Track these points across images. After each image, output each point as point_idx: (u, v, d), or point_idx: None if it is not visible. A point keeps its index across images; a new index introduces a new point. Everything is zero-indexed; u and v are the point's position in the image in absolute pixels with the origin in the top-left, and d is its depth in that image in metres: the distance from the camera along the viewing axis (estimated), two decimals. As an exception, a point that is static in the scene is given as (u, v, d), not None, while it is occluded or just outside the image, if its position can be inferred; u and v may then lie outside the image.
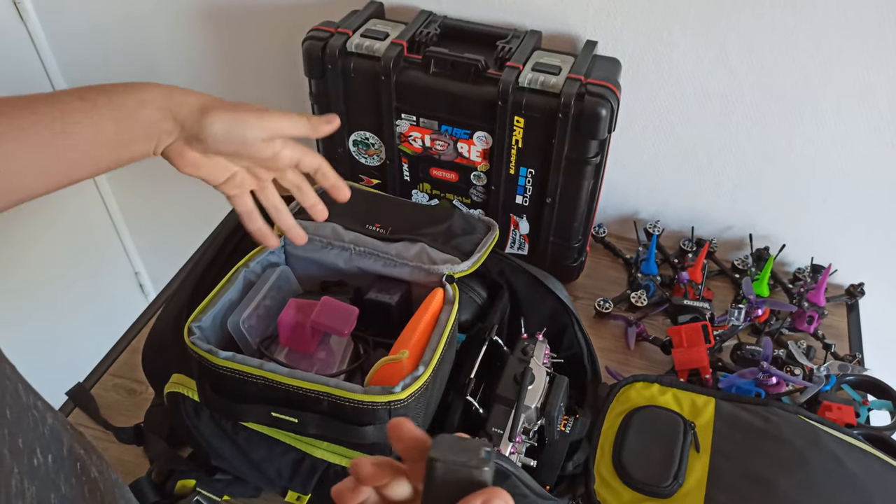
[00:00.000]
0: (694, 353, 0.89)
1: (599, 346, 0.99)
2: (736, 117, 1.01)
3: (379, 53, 0.92)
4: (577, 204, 0.96)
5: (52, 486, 0.39)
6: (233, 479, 0.78)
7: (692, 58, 0.97)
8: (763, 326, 0.99)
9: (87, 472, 0.44)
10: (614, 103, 0.87)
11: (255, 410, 0.64)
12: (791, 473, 0.74)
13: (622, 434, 0.79)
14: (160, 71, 1.28)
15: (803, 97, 0.96)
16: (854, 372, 0.91)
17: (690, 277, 1.02)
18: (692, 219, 1.14)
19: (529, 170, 0.95)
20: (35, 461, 0.37)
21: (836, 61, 0.92)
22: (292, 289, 0.78)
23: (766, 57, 0.94)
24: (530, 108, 0.88)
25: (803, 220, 1.09)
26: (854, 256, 1.09)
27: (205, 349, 0.63)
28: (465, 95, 0.90)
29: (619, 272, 1.12)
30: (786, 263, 1.13)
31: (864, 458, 0.76)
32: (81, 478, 0.43)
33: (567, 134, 0.88)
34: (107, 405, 0.91)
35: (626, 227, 1.17)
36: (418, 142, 0.97)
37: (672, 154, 1.08)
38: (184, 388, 0.69)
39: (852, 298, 1.07)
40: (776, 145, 1.02)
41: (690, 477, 0.75)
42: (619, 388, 0.84)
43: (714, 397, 0.82)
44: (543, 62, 0.90)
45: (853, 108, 0.95)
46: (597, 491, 0.75)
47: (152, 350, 0.79)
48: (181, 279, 0.82)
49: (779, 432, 0.77)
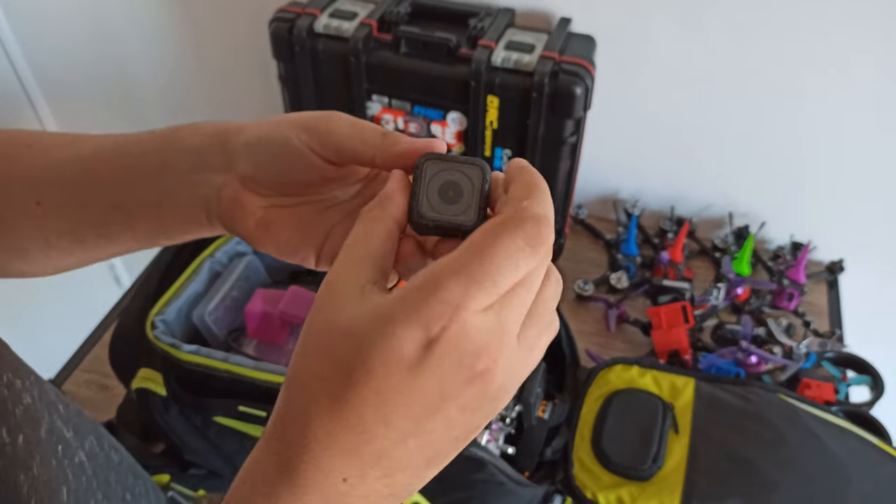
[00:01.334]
0: (673, 335, 0.88)
1: (580, 329, 0.98)
2: (716, 95, 0.99)
3: (348, 34, 0.89)
4: (554, 185, 0.95)
5: (20, 466, 0.38)
6: (207, 473, 0.77)
7: (670, 34, 0.95)
8: (743, 305, 0.98)
9: (71, 455, 0.43)
10: (589, 81, 0.85)
11: (222, 405, 0.63)
12: (770, 453, 0.73)
13: (601, 418, 0.78)
14: (125, 55, 1.24)
15: (784, 75, 0.95)
16: (834, 348, 0.91)
17: (670, 257, 1.01)
18: (672, 198, 1.13)
19: (505, 151, 0.93)
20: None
21: (817, 40, 0.90)
22: (260, 279, 0.76)
23: (746, 34, 0.92)
24: (504, 88, 0.86)
25: (783, 197, 1.08)
26: (834, 233, 1.08)
27: (168, 343, 0.61)
28: (438, 76, 0.88)
29: (599, 253, 1.11)
30: (766, 241, 1.12)
31: (842, 436, 0.76)
32: (63, 461, 0.42)
33: (542, 113, 0.86)
34: (78, 401, 0.88)
35: (607, 207, 1.16)
36: (391, 124, 0.95)
37: (652, 132, 1.06)
38: (151, 384, 0.68)
39: (832, 275, 1.07)
40: (756, 123, 1.01)
41: (670, 459, 0.74)
42: (598, 371, 0.83)
43: (694, 378, 0.82)
44: (516, 40, 0.88)
45: (834, 87, 0.94)
46: (576, 476, 0.75)
47: (119, 345, 0.77)
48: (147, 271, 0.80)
49: (758, 412, 0.77)
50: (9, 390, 0.39)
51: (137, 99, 1.31)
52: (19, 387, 0.40)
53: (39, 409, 0.41)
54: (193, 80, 1.25)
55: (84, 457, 0.45)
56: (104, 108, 1.34)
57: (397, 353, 0.26)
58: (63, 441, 0.43)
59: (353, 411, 0.27)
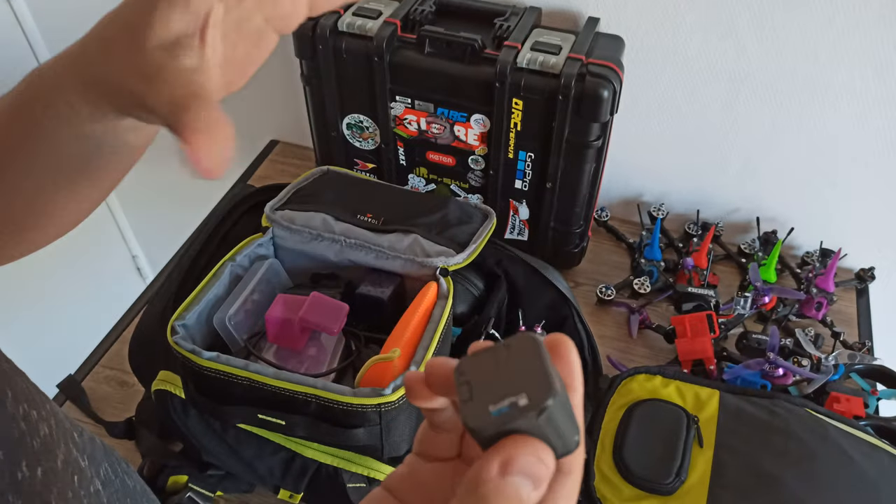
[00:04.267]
0: (698, 344, 0.87)
1: (601, 333, 0.97)
2: (744, 95, 0.97)
3: (371, 33, 0.88)
4: (578, 188, 0.93)
5: (38, 500, 0.37)
6: (225, 474, 0.77)
7: (699, 33, 0.92)
8: (770, 314, 0.96)
9: (86, 484, 0.43)
10: (617, 84, 0.83)
11: (241, 412, 0.62)
12: (797, 469, 0.71)
13: (623, 428, 0.76)
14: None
15: (815, 74, 0.92)
16: (863, 361, 0.88)
17: (695, 263, 0.99)
18: (698, 202, 1.11)
19: (529, 154, 0.91)
20: (19, 475, 0.36)
21: (849, 37, 0.88)
22: (281, 282, 0.75)
23: (776, 32, 0.90)
24: (529, 90, 0.84)
25: (813, 202, 1.05)
26: (865, 240, 1.06)
27: (188, 349, 0.61)
28: (462, 76, 0.87)
29: (622, 257, 1.09)
30: (794, 247, 1.09)
31: (873, 453, 0.74)
32: (80, 491, 0.42)
33: (567, 116, 0.85)
34: (98, 398, 0.89)
35: (630, 210, 1.14)
36: (414, 125, 0.94)
37: (678, 134, 1.04)
38: (171, 386, 0.68)
39: (862, 283, 1.04)
40: (785, 125, 0.98)
41: (693, 473, 0.73)
42: (620, 380, 0.82)
43: (718, 390, 0.80)
44: (543, 41, 0.86)
45: (866, 87, 0.91)
46: (597, 487, 0.73)
47: (139, 346, 0.77)
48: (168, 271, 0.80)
49: (785, 426, 0.75)
50: (26, 423, 0.39)
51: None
52: (35, 417, 0.40)
53: (56, 438, 0.41)
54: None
55: (100, 485, 0.44)
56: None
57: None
58: (79, 471, 0.42)
59: None
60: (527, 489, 0.23)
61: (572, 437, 0.24)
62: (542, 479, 0.23)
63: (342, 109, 0.97)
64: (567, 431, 0.24)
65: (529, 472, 0.23)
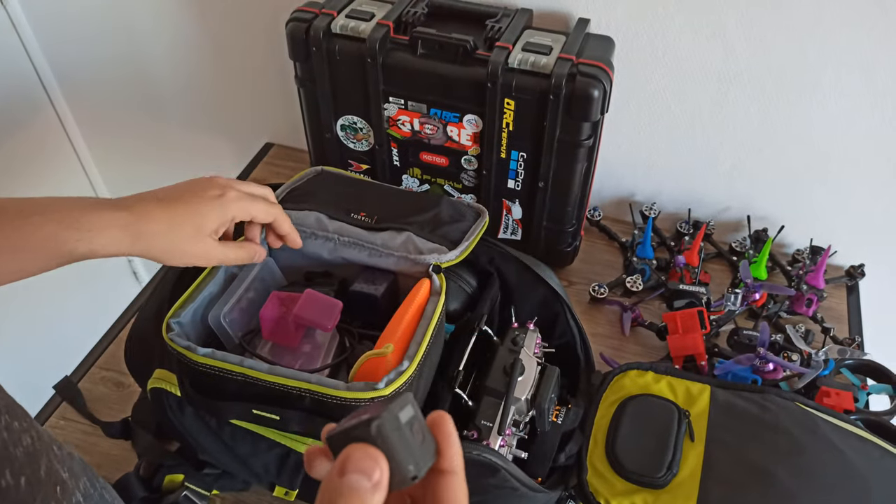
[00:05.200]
0: (689, 340, 0.87)
1: (594, 332, 0.98)
2: (733, 95, 0.98)
3: (364, 35, 0.89)
4: (570, 188, 0.94)
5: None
6: (221, 473, 0.77)
7: (688, 34, 0.94)
8: (761, 310, 0.97)
9: (68, 495, 0.43)
10: (607, 84, 0.84)
11: (237, 408, 0.63)
12: (788, 462, 0.72)
13: (616, 423, 0.77)
14: (143, 55, 1.25)
15: (803, 74, 0.93)
16: (853, 356, 0.89)
17: (687, 261, 1.00)
18: (689, 200, 1.12)
19: (521, 153, 0.92)
20: (3, 483, 0.37)
21: (836, 37, 0.89)
22: (276, 280, 0.76)
23: (764, 32, 0.91)
24: (520, 90, 0.85)
25: (803, 200, 1.07)
26: (854, 237, 1.07)
27: (183, 346, 0.61)
28: (454, 77, 0.88)
29: (614, 256, 1.10)
30: (785, 245, 1.10)
31: (862, 446, 0.75)
32: (62, 501, 0.42)
33: (558, 116, 0.86)
34: (94, 398, 0.90)
35: (622, 209, 1.15)
36: (407, 126, 0.95)
37: (668, 134, 1.05)
38: (166, 384, 0.68)
39: (852, 280, 1.05)
40: (774, 124, 0.99)
41: (685, 467, 0.73)
42: (612, 376, 0.83)
43: (709, 385, 0.81)
44: (534, 41, 0.87)
45: (854, 86, 0.92)
46: (589, 482, 0.74)
47: (134, 345, 0.77)
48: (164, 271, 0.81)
49: (775, 420, 0.76)
50: (8, 432, 0.39)
51: (156, 98, 1.32)
52: (17, 427, 0.40)
53: (39, 449, 0.42)
54: (211, 81, 1.26)
55: (81, 497, 0.45)
56: (123, 107, 1.35)
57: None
58: (61, 482, 0.43)
59: None
60: (364, 482, 0.27)
61: (425, 454, 0.30)
62: (374, 473, 0.27)
63: (336, 111, 0.98)
64: (416, 448, 0.29)
65: (362, 468, 0.27)
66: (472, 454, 0.63)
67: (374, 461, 0.28)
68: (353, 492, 0.27)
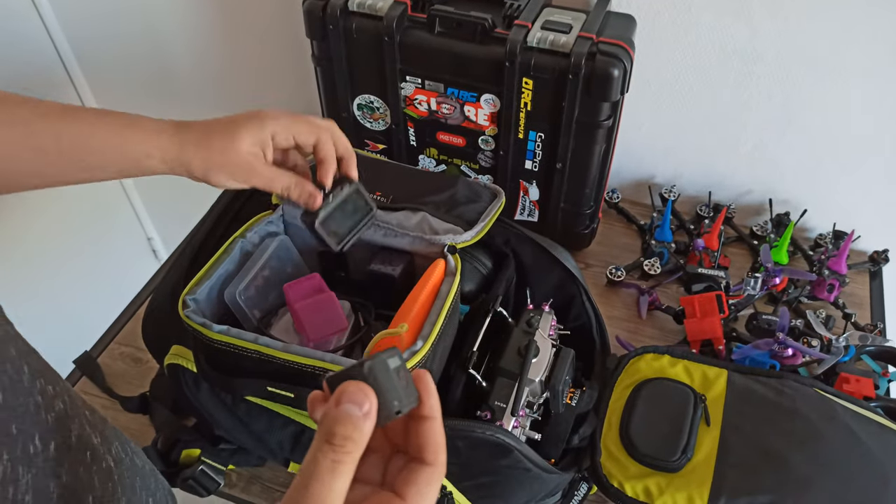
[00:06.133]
0: (707, 324, 0.87)
1: (610, 314, 0.97)
2: (756, 76, 0.96)
3: (381, 12, 0.88)
4: (588, 169, 0.93)
5: (51, 474, 0.38)
6: (237, 448, 0.78)
7: (711, 12, 0.92)
8: (781, 295, 0.96)
9: (98, 460, 0.43)
10: (627, 63, 0.82)
11: (251, 384, 0.63)
12: (804, 448, 0.71)
13: (630, 407, 0.77)
14: (160, 32, 1.25)
15: (828, 54, 0.91)
16: (875, 342, 0.88)
17: (706, 244, 0.99)
18: (710, 183, 1.10)
19: (539, 134, 0.91)
20: (31, 448, 0.37)
21: (863, 18, 0.86)
22: (292, 259, 0.76)
23: (789, 10, 0.89)
24: (539, 69, 0.84)
25: (826, 183, 1.04)
26: (879, 221, 1.05)
27: (199, 322, 0.62)
28: (472, 56, 0.87)
29: (632, 239, 1.09)
30: (807, 229, 1.09)
31: (881, 433, 0.74)
32: (91, 467, 0.42)
33: (577, 96, 0.85)
34: (113, 374, 0.91)
35: (641, 191, 1.14)
36: (424, 105, 0.94)
37: (689, 115, 1.04)
38: (183, 360, 0.69)
39: (876, 265, 1.03)
40: (798, 106, 0.97)
41: (700, 451, 0.73)
42: (627, 359, 0.82)
43: (726, 369, 0.80)
44: (553, 20, 0.86)
45: (880, 68, 0.90)
46: (603, 464, 0.74)
47: (151, 321, 0.78)
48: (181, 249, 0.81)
49: (793, 406, 0.75)
50: (42, 396, 0.39)
51: (172, 76, 1.32)
52: (51, 393, 0.41)
53: (70, 415, 0.42)
54: (228, 59, 1.26)
55: (112, 462, 0.45)
56: (140, 84, 1.36)
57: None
58: (91, 447, 0.43)
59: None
60: (356, 411, 0.32)
61: (409, 396, 0.35)
62: (364, 404, 0.32)
63: (353, 90, 0.97)
64: (401, 390, 0.34)
65: (355, 399, 0.32)
66: (486, 434, 0.63)
67: (365, 395, 0.33)
68: (348, 418, 0.32)
